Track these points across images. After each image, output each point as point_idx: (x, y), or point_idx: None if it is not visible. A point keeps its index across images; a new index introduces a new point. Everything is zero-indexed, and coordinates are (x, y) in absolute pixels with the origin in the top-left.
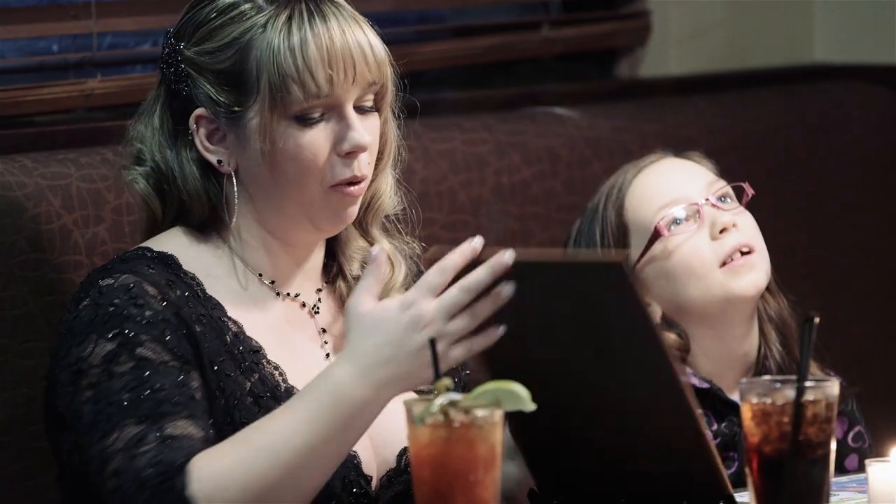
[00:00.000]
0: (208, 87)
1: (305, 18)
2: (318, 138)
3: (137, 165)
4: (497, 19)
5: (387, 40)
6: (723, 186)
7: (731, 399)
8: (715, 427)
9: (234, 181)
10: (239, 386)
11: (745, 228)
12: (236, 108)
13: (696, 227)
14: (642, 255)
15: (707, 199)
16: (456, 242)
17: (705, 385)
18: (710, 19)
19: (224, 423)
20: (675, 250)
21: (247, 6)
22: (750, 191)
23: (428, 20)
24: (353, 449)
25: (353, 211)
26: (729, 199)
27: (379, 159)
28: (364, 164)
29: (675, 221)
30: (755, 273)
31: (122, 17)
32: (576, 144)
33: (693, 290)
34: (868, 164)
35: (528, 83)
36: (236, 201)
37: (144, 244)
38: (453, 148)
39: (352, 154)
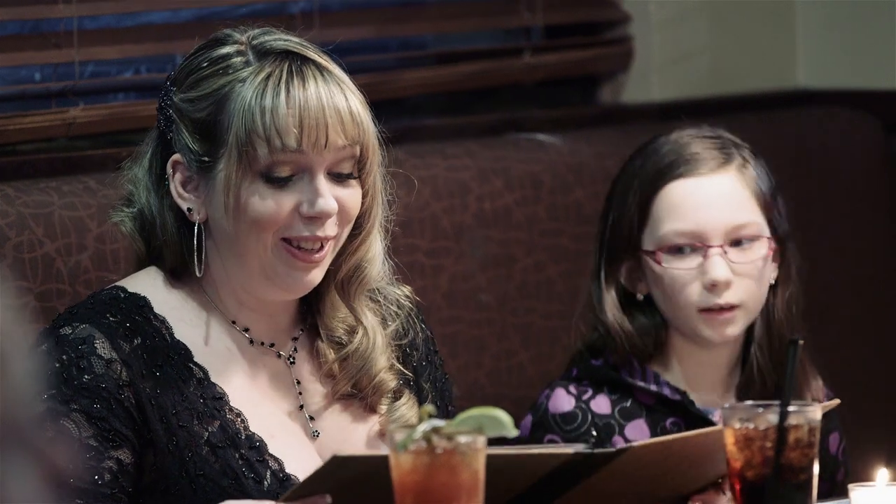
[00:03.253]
0: (186, 134)
1: (283, 78)
2: (283, 199)
3: (126, 207)
4: (479, 45)
5: (368, 67)
6: (743, 235)
7: (700, 412)
8: None
9: (204, 231)
10: (195, 437)
11: (740, 288)
12: (206, 159)
13: (696, 265)
14: (646, 252)
15: (721, 246)
16: (439, 269)
17: (677, 397)
18: (692, 45)
19: (179, 476)
20: (671, 273)
21: (237, 59)
22: (769, 250)
23: (410, 47)
24: (293, 472)
25: (315, 276)
26: (746, 241)
27: (360, 227)
28: (330, 226)
29: (680, 250)
30: (730, 327)
31: (105, 46)
32: (558, 170)
33: (672, 311)
34: (851, 189)
35: (511, 109)
36: (206, 252)
37: (120, 283)
38: (435, 174)
39: (315, 219)
